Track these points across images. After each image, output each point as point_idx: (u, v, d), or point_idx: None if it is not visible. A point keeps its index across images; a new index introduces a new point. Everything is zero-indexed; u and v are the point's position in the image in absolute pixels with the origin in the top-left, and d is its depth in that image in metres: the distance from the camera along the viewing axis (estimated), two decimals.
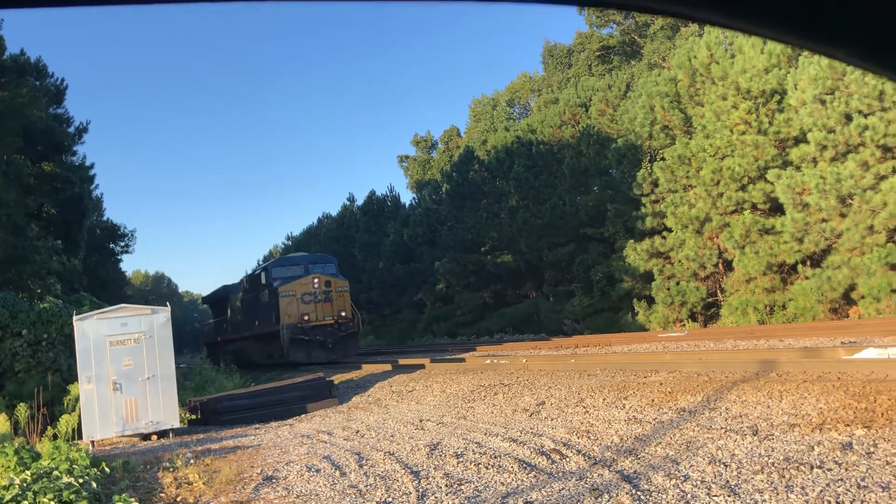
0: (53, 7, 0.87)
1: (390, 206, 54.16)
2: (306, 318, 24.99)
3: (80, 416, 12.94)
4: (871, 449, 6.16)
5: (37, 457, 8.95)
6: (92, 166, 35.36)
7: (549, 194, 35.31)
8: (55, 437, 12.66)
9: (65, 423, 13.27)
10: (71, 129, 32.09)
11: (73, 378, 14.69)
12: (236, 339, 33.10)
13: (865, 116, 20.62)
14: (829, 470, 5.78)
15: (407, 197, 59.65)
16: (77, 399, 13.55)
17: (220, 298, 37.64)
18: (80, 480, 7.62)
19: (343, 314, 25.45)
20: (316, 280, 25.51)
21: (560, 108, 38.43)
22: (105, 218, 43.29)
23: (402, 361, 20.60)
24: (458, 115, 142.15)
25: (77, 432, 13.03)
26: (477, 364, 17.19)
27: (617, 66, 47.06)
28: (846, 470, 5.72)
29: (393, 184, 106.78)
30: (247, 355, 31.26)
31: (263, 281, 27.83)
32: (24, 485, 7.23)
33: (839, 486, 5.36)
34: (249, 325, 30.14)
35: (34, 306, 17.99)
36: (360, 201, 57.19)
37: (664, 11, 0.99)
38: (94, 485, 7.73)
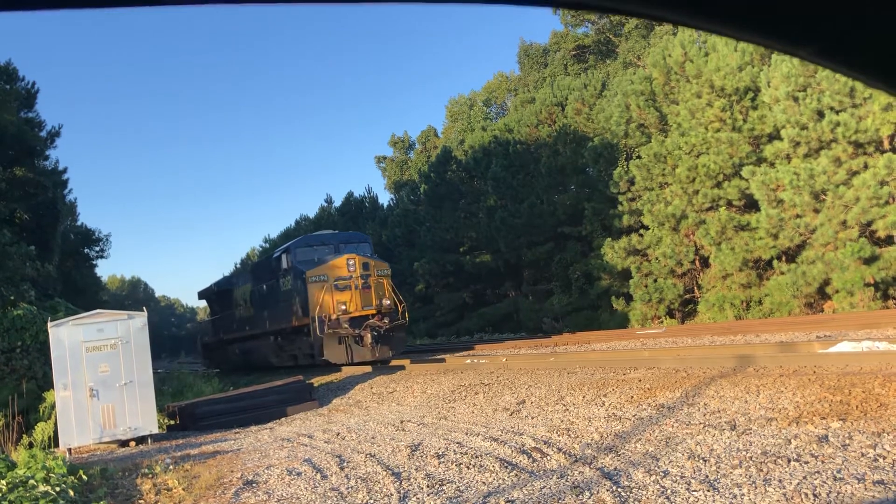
0: (46, 10, 0.86)
1: (368, 207, 54.07)
2: (343, 308, 20.66)
3: (56, 423, 12.78)
4: (847, 441, 6.23)
5: (12, 466, 8.83)
6: (65, 170, 35.07)
7: (526, 193, 35.44)
8: (31, 445, 12.49)
9: (41, 430, 13.10)
10: (43, 133, 31.74)
11: (48, 385, 14.50)
12: (245, 337, 28.55)
13: (837, 113, 20.90)
14: (806, 463, 5.84)
15: (385, 198, 59.61)
16: (53, 406, 13.38)
17: (221, 291, 32.83)
18: (57, 489, 7.52)
19: (387, 303, 21.24)
20: (352, 262, 21.12)
21: (536, 108, 38.57)
22: (79, 223, 42.81)
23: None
24: (435, 115, 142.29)
25: (53, 440, 12.86)
26: (457, 364, 17.20)
27: (592, 66, 47.29)
28: (822, 462, 5.79)
29: (370, 185, 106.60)
30: (260, 357, 27.07)
31: (284, 265, 23.18)
32: (0, 494, 7.12)
33: (816, 479, 5.42)
34: (264, 321, 25.50)
35: (7, 313, 17.73)
36: (337, 202, 57.10)
37: (627, 12, 1.00)
38: (72, 493, 7.64)
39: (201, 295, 39.69)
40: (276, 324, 24.24)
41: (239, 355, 29.83)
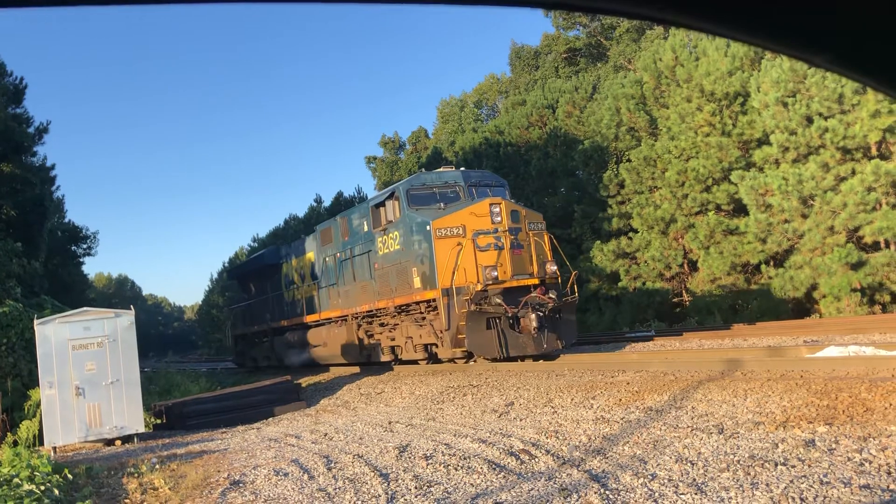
0: (43, 7, 0.85)
1: None
2: (493, 275, 14.38)
3: (41, 421, 12.69)
4: (833, 445, 6.27)
5: None
6: (53, 167, 34.68)
7: (516, 195, 35.42)
8: (15, 443, 12.39)
9: (25, 429, 13.00)
10: (31, 130, 31.45)
11: (34, 383, 14.40)
12: (303, 325, 22.12)
13: (826, 119, 21.02)
14: (793, 467, 5.87)
15: None
16: (38, 405, 13.28)
17: (263, 267, 26.14)
18: (42, 487, 7.47)
19: (551, 269, 15.24)
20: (497, 208, 14.92)
21: (527, 110, 38.62)
22: (67, 220, 42.50)
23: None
24: (426, 116, 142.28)
25: (38, 438, 12.77)
26: (446, 365, 17.18)
27: (583, 68, 47.40)
28: (809, 466, 5.82)
29: (361, 185, 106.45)
30: (328, 351, 20.74)
31: (390, 215, 16.44)
32: None
33: (803, 483, 5.45)
34: (341, 299, 19.13)
35: None
36: (327, 202, 56.93)
37: (635, 14, 0.99)
38: (57, 492, 7.59)
39: (231, 274, 32.74)
40: (364, 301, 17.82)
41: (292, 349, 23.49)
